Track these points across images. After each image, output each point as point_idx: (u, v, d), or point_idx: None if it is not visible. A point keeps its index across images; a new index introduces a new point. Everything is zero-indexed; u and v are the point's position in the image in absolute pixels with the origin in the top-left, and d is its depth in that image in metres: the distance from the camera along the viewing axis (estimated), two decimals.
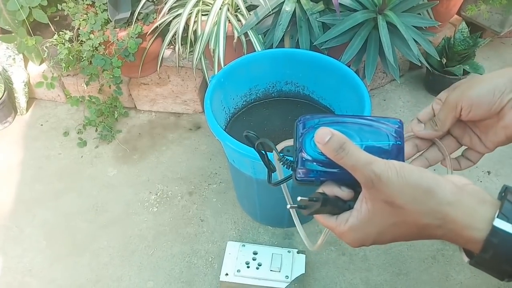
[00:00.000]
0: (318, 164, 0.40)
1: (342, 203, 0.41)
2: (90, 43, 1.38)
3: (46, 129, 1.61)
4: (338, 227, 0.41)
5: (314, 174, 0.41)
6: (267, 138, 0.44)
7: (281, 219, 1.23)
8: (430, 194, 0.35)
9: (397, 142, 0.41)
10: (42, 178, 1.44)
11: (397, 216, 0.37)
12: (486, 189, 1.33)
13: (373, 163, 0.36)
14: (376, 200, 0.37)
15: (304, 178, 0.41)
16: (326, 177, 0.41)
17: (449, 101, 0.48)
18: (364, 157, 0.36)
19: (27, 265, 1.22)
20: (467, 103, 0.46)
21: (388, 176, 0.35)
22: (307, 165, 0.40)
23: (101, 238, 1.27)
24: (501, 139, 0.48)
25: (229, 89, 1.10)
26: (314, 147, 0.39)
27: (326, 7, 1.28)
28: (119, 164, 1.47)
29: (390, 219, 0.37)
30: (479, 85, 0.46)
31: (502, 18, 1.62)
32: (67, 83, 1.62)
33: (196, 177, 1.41)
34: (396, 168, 0.35)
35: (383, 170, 0.35)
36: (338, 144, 0.36)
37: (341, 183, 0.41)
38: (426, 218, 0.36)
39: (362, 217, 0.39)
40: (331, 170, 0.40)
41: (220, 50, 1.29)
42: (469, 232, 0.35)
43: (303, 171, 0.41)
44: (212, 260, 1.20)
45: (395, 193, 0.35)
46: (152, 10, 1.43)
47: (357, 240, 0.40)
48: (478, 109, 0.46)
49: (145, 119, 1.63)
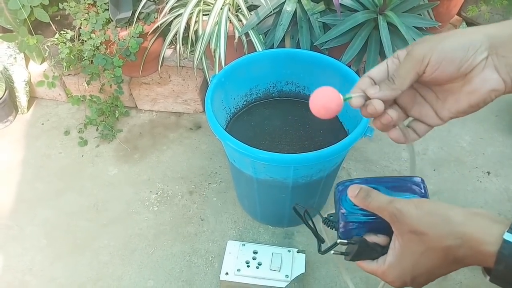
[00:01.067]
0: (355, 216, 0.47)
1: (380, 248, 0.46)
2: (91, 42, 1.38)
3: (47, 128, 1.62)
4: (379, 268, 0.45)
5: (353, 226, 0.47)
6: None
7: (281, 218, 1.23)
8: (446, 219, 0.39)
9: (421, 195, 0.47)
10: (43, 177, 1.45)
11: (424, 243, 0.40)
12: (485, 189, 1.34)
13: (394, 201, 0.42)
14: (404, 233, 0.42)
15: (345, 232, 0.48)
16: (364, 228, 0.47)
17: (414, 54, 0.41)
18: (386, 198, 0.43)
19: (27, 264, 1.23)
20: (436, 58, 0.40)
21: (408, 209, 0.41)
22: (346, 218, 0.47)
23: (102, 237, 1.27)
24: (462, 108, 0.43)
25: (229, 89, 1.11)
26: (349, 203, 0.47)
27: (327, 8, 1.28)
28: (119, 163, 1.47)
29: (419, 248, 0.41)
30: (452, 38, 0.40)
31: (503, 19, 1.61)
32: (68, 82, 1.62)
33: (196, 176, 1.42)
34: (414, 202, 0.41)
35: (403, 205, 0.41)
36: (365, 193, 0.45)
37: (378, 231, 0.47)
38: (447, 240, 0.39)
39: (396, 253, 0.43)
40: (366, 220, 0.47)
41: (221, 50, 1.30)
42: (485, 247, 0.37)
43: (343, 225, 0.48)
44: (212, 259, 1.21)
45: (417, 222, 0.40)
46: (153, 9, 1.43)
47: (397, 277, 0.44)
48: (448, 66, 0.40)
49: (146, 119, 1.63)
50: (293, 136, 1.13)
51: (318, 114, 0.44)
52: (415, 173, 0.48)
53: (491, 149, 1.45)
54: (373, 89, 0.43)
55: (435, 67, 0.40)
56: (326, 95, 0.44)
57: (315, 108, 0.44)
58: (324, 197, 1.24)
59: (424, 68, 0.41)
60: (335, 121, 1.14)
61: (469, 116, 0.44)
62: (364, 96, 0.44)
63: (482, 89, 0.40)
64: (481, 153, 1.44)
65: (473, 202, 1.31)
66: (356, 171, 1.40)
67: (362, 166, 1.41)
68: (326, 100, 0.43)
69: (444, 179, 1.37)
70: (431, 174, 1.39)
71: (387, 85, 0.43)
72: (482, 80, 0.40)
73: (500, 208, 1.29)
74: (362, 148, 1.47)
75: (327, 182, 1.10)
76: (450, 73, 0.40)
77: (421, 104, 0.46)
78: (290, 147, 1.10)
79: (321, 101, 0.44)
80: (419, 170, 1.39)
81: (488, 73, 0.40)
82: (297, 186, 1.01)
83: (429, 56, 0.40)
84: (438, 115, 0.45)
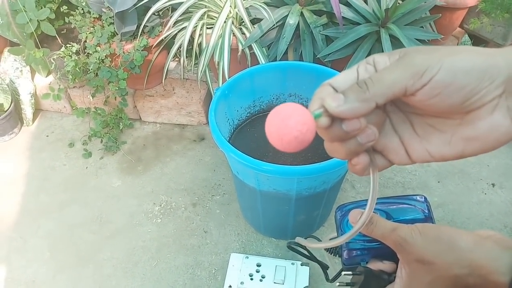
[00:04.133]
0: (358, 242, 0.46)
1: (387, 276, 0.45)
2: (96, 55, 1.40)
3: (51, 140, 1.63)
4: None
5: (357, 253, 0.46)
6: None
7: (284, 230, 1.22)
8: (452, 246, 0.37)
9: (424, 215, 0.45)
10: (47, 189, 1.45)
11: (431, 272, 0.38)
12: (491, 201, 1.33)
13: (398, 229, 0.39)
14: (410, 262, 0.40)
15: (349, 259, 0.46)
16: (369, 255, 0.46)
17: (414, 61, 0.28)
18: (389, 225, 0.40)
19: (30, 276, 1.22)
20: (443, 77, 0.27)
21: (413, 237, 0.38)
22: (350, 245, 0.46)
23: (105, 249, 1.27)
24: (451, 154, 0.31)
25: (233, 101, 1.11)
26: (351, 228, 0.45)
27: (329, 20, 1.30)
28: (123, 175, 1.48)
29: (427, 277, 0.39)
30: (465, 55, 0.28)
31: (505, 31, 1.63)
32: (73, 95, 1.64)
33: (200, 188, 1.41)
34: (418, 229, 0.39)
35: (407, 233, 0.39)
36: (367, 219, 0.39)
37: (383, 257, 0.45)
38: (454, 268, 0.37)
39: (404, 283, 0.41)
40: (370, 246, 0.45)
41: (224, 62, 1.31)
42: (495, 276, 0.35)
43: (347, 252, 0.46)
44: (215, 272, 1.20)
45: (423, 250, 0.38)
46: (157, 23, 1.45)
47: None
48: (453, 94, 0.28)
49: (150, 131, 1.64)
50: None
51: (286, 147, 0.29)
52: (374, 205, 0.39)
53: (496, 161, 1.45)
54: (334, 100, 0.29)
55: (435, 91, 0.28)
56: (293, 116, 0.28)
57: (275, 138, 0.29)
58: (328, 209, 1.23)
59: (421, 87, 0.28)
60: None
61: None
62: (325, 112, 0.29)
63: (487, 138, 0.29)
64: (486, 165, 1.44)
65: (478, 215, 1.30)
66: (360, 183, 1.39)
67: (366, 178, 1.41)
68: (295, 124, 0.28)
69: (449, 191, 1.37)
70: (435, 186, 1.38)
71: (356, 94, 0.28)
72: (490, 125, 0.29)
73: (506, 221, 1.28)
74: None
75: (330, 194, 1.10)
76: (451, 103, 0.28)
77: (388, 133, 0.33)
78: (294, 159, 1.10)
79: (286, 127, 0.28)
80: (423, 182, 1.39)
81: (499, 118, 0.28)
82: (300, 198, 1.01)
83: (434, 71, 0.27)
84: (409, 154, 0.33)
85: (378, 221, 0.41)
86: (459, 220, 1.29)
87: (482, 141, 0.29)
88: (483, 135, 0.29)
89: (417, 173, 1.42)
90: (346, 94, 0.29)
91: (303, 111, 0.28)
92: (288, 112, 0.28)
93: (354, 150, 0.31)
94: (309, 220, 1.18)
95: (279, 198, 1.01)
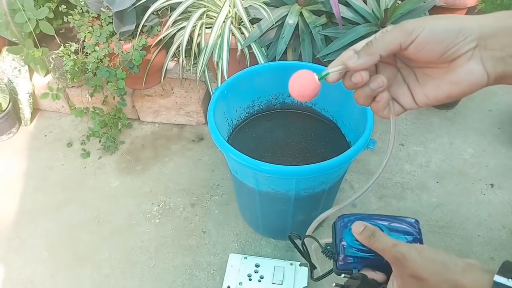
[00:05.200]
0: (355, 251, 0.49)
1: (378, 285, 0.49)
2: (95, 55, 1.39)
3: (50, 140, 1.62)
4: None
5: (352, 260, 0.49)
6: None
7: (283, 231, 1.22)
8: (445, 267, 0.42)
9: (416, 237, 0.50)
10: (45, 189, 1.45)
11: (422, 287, 0.43)
12: (489, 202, 1.33)
13: (398, 245, 0.45)
14: (404, 276, 0.44)
15: (344, 264, 0.50)
16: (362, 263, 0.50)
17: (404, 25, 0.40)
18: (391, 241, 0.46)
19: (28, 276, 1.22)
20: (425, 35, 0.38)
21: (411, 254, 0.43)
22: (347, 252, 0.50)
23: (103, 249, 1.27)
24: (441, 96, 0.41)
25: (232, 101, 1.11)
26: (352, 237, 0.49)
27: (329, 20, 1.29)
28: (122, 175, 1.47)
29: None
30: (445, 20, 0.39)
31: None
32: (71, 95, 1.63)
33: (198, 188, 1.41)
34: (417, 248, 0.44)
35: (406, 250, 0.44)
36: (370, 232, 0.47)
37: (375, 268, 0.49)
38: (443, 286, 0.42)
39: None
40: (365, 256, 0.49)
41: (223, 62, 1.30)
42: None
43: (343, 258, 0.50)
44: (214, 272, 1.20)
45: (420, 268, 0.43)
46: (156, 23, 1.45)
47: None
48: (434, 47, 0.38)
49: (148, 131, 1.64)
50: (295, 148, 1.13)
51: (297, 96, 0.45)
52: (392, 148, 0.47)
53: (494, 162, 1.45)
54: (352, 60, 0.41)
55: (421, 45, 0.39)
56: (302, 77, 0.45)
57: (293, 90, 0.46)
58: (327, 209, 1.23)
59: (410, 42, 0.39)
60: (337, 133, 1.14)
61: (472, 129, 0.44)
62: (341, 71, 0.43)
63: (465, 81, 0.39)
64: (484, 165, 1.44)
65: (476, 215, 1.30)
66: (358, 183, 1.39)
67: (365, 178, 1.41)
68: (303, 82, 0.44)
69: (447, 192, 1.37)
70: (434, 186, 1.38)
71: (365, 50, 0.41)
72: (466, 71, 0.39)
73: (504, 221, 1.28)
74: (364, 160, 1.46)
75: (329, 195, 1.10)
76: (435, 54, 0.39)
77: (399, 83, 0.45)
78: (293, 159, 1.10)
79: (297, 83, 0.45)
80: (422, 182, 1.39)
81: (473, 65, 0.38)
82: (299, 199, 1.00)
83: (418, 31, 0.38)
84: (414, 98, 0.44)
85: (380, 235, 0.47)
86: (457, 221, 1.29)
87: (462, 84, 0.39)
88: (462, 78, 0.39)
89: (416, 174, 1.42)
90: (359, 54, 0.41)
91: (305, 77, 0.44)
92: (295, 77, 0.45)
93: (370, 94, 0.43)
94: (308, 221, 1.17)
95: (278, 198, 1.01)
